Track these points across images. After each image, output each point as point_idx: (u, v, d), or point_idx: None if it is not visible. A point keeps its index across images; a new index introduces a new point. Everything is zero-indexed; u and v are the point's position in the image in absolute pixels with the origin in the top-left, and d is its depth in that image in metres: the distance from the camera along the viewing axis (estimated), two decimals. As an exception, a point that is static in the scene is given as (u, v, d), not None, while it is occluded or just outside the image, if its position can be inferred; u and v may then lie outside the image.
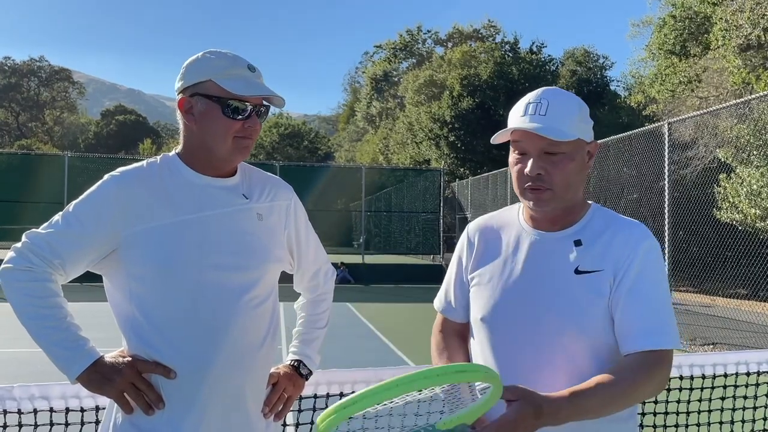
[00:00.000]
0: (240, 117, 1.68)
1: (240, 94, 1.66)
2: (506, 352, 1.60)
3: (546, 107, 1.59)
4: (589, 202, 1.73)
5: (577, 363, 1.56)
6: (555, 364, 1.55)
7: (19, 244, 1.66)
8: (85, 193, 1.70)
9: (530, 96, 1.65)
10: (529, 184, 1.62)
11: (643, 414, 2.69)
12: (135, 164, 1.76)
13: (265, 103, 1.75)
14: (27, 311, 1.62)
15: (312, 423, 2.39)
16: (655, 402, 2.69)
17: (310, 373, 1.94)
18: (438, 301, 1.86)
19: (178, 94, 1.74)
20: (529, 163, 1.60)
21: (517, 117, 1.63)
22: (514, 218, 1.76)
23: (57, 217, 1.69)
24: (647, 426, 2.74)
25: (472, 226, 1.82)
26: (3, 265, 1.65)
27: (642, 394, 1.53)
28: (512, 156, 1.67)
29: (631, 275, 1.57)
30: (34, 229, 1.68)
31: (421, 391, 1.24)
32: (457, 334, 1.79)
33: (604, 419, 1.55)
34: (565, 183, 1.61)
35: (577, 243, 1.63)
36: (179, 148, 1.79)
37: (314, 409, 2.34)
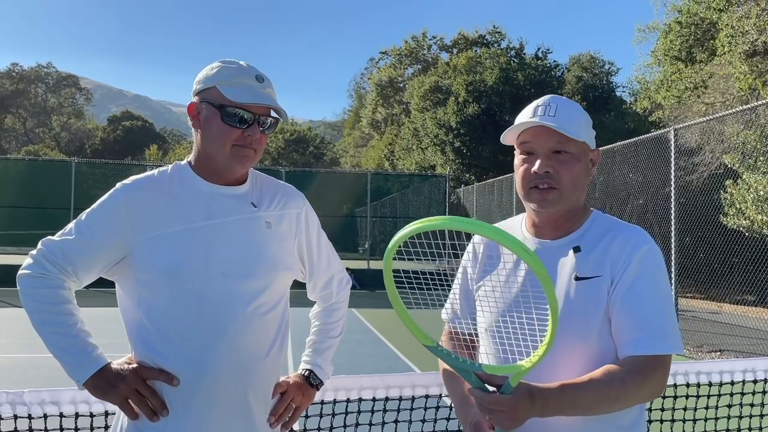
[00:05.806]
0: (239, 125, 1.69)
1: (238, 101, 1.68)
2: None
3: (555, 109, 1.64)
4: (591, 209, 1.75)
5: (579, 370, 1.56)
6: (557, 371, 1.56)
7: (34, 251, 1.70)
8: (97, 202, 1.74)
9: (538, 101, 1.69)
10: (537, 182, 1.63)
11: (650, 421, 2.67)
12: (146, 173, 1.79)
13: (274, 115, 1.76)
14: (39, 317, 1.65)
15: (319, 429, 2.41)
16: (662, 409, 2.68)
17: (321, 383, 1.93)
18: (445, 312, 1.87)
19: (193, 98, 1.77)
20: (537, 161, 1.63)
21: (526, 118, 1.65)
22: (516, 228, 1.77)
23: (71, 225, 1.72)
24: (654, 433, 2.74)
25: (477, 237, 1.83)
26: (20, 271, 1.69)
27: (634, 398, 1.53)
28: (518, 158, 1.69)
29: (628, 280, 1.57)
30: (49, 236, 1.71)
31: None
32: (464, 344, 1.79)
33: (612, 425, 1.56)
34: (572, 183, 1.64)
35: (576, 249, 1.64)
36: (191, 156, 1.81)
37: (321, 416, 2.35)
